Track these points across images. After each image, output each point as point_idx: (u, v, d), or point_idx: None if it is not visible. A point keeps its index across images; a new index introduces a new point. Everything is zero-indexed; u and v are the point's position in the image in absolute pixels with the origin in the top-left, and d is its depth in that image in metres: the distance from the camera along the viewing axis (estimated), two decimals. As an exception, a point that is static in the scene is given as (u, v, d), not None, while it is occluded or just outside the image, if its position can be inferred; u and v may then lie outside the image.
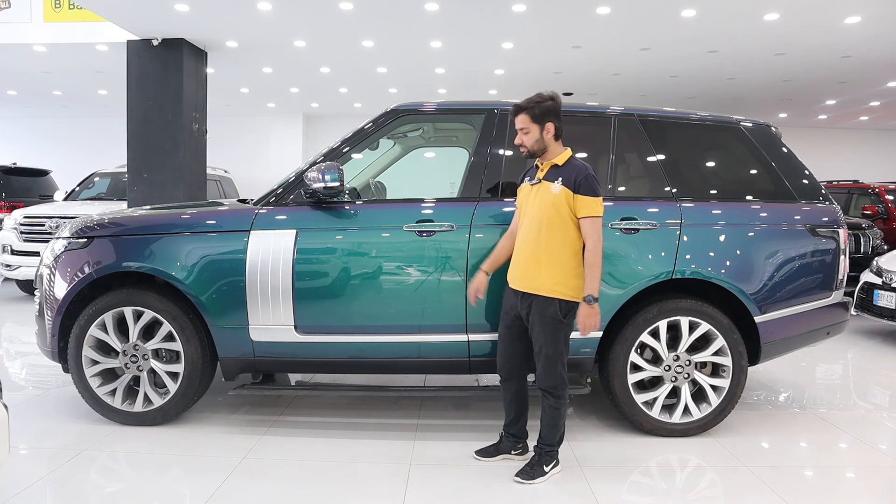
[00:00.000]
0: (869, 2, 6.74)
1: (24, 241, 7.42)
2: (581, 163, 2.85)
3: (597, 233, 2.77)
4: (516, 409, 3.06)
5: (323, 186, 3.15)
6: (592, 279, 2.75)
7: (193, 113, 8.76)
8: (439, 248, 3.23)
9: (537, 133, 2.84)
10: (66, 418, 3.51)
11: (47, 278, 3.39)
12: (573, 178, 2.77)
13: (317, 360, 3.34)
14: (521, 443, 3.10)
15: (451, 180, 4.47)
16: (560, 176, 2.80)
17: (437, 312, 3.25)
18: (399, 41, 8.64)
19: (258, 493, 2.71)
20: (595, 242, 2.76)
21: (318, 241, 3.26)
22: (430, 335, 3.26)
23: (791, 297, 3.41)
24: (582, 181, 2.76)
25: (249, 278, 3.21)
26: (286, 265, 3.20)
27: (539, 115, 2.82)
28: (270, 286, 3.20)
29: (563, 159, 2.85)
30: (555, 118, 2.84)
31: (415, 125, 3.98)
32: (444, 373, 3.82)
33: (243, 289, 3.21)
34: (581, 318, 2.76)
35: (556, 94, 2.89)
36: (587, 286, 2.75)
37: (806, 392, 4.37)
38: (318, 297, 3.24)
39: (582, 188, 2.76)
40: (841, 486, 2.98)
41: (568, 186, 2.77)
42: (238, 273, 3.22)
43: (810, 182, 3.60)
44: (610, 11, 7.13)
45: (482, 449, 3.12)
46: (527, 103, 2.85)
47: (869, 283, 6.09)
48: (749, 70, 9.78)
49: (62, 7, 8.68)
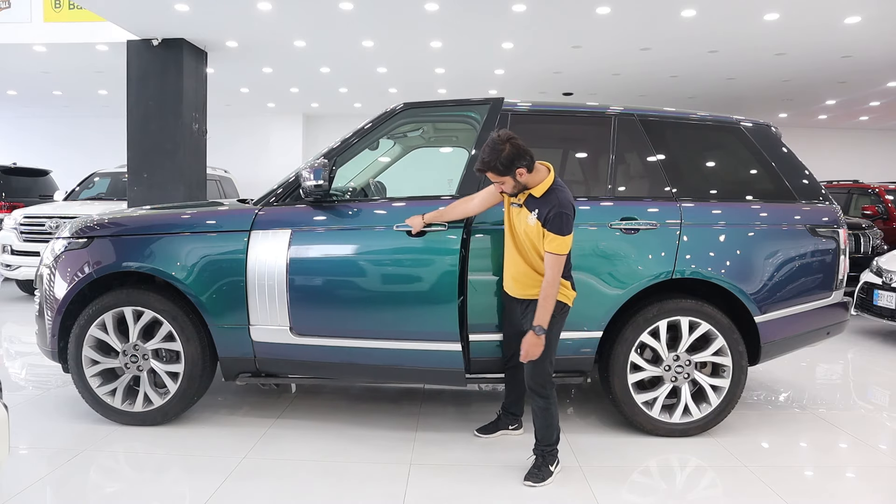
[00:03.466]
0: (869, 2, 6.74)
1: (24, 241, 7.42)
2: (557, 197, 2.74)
3: (555, 268, 2.73)
4: (516, 392, 3.31)
5: (312, 185, 3.13)
6: (544, 311, 2.73)
7: (193, 113, 8.76)
8: (430, 249, 3.16)
9: (511, 181, 2.76)
10: (66, 418, 3.50)
11: (47, 278, 3.39)
12: (546, 213, 2.73)
13: (311, 362, 3.28)
14: (517, 420, 3.38)
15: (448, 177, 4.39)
16: (536, 208, 2.77)
17: (426, 318, 3.16)
18: (399, 41, 8.64)
19: (258, 494, 2.70)
20: (552, 277, 2.73)
21: (310, 240, 3.23)
22: (421, 342, 3.18)
23: (791, 297, 3.40)
24: (551, 218, 2.71)
25: (250, 278, 3.20)
26: (281, 265, 3.19)
27: (504, 167, 2.71)
28: (267, 287, 3.20)
29: (541, 190, 2.77)
30: (520, 159, 2.70)
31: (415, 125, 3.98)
32: (437, 383, 3.60)
33: (243, 289, 3.21)
34: (525, 344, 2.76)
35: (507, 133, 2.76)
36: (538, 317, 2.73)
37: (806, 392, 4.37)
38: (310, 298, 3.21)
39: (550, 224, 2.71)
40: (841, 486, 2.98)
41: (540, 220, 2.75)
42: (238, 273, 3.21)
43: (810, 182, 3.60)
44: (610, 11, 7.13)
45: (482, 427, 3.38)
46: (488, 161, 2.72)
47: (869, 283, 6.09)
48: (749, 70, 9.78)
49: (62, 7, 8.68)
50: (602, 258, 3.22)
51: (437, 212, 3.12)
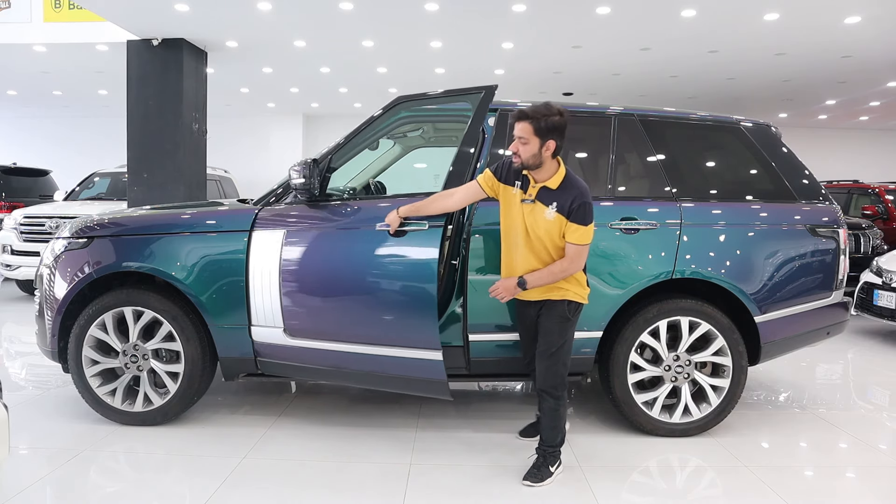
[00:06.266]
0: (869, 2, 6.75)
1: (24, 241, 7.42)
2: (577, 186, 2.71)
3: (578, 259, 2.72)
4: None
5: (298, 183, 3.09)
6: (540, 278, 2.74)
7: (193, 113, 8.76)
8: (406, 249, 3.01)
9: (536, 147, 2.66)
10: (66, 418, 3.50)
11: (47, 278, 3.39)
12: (568, 203, 2.68)
13: (303, 365, 3.23)
14: None
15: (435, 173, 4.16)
16: (555, 201, 2.70)
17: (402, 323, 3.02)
18: (399, 41, 8.64)
19: (258, 494, 2.70)
20: (569, 264, 2.72)
21: (299, 240, 3.17)
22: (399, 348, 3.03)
23: (791, 297, 3.40)
24: (576, 209, 2.67)
25: (251, 278, 3.20)
26: (274, 265, 3.16)
27: (543, 130, 2.63)
28: (264, 287, 3.19)
29: (556, 181, 2.72)
30: (558, 136, 2.67)
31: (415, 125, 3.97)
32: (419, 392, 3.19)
33: (243, 289, 3.20)
34: (502, 283, 2.79)
35: (564, 110, 2.69)
36: (532, 277, 2.74)
37: (806, 392, 4.37)
38: (298, 299, 3.16)
39: (575, 216, 2.67)
40: (841, 486, 2.98)
41: (562, 213, 2.69)
42: (238, 273, 3.21)
43: (810, 182, 3.60)
44: (610, 11, 7.13)
45: (524, 429, 3.34)
46: (533, 112, 2.65)
47: (869, 283, 6.09)
48: (749, 70, 9.79)
49: (62, 7, 8.68)
50: (602, 258, 3.22)
51: (414, 206, 2.96)
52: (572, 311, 2.81)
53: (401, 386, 3.18)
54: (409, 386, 3.14)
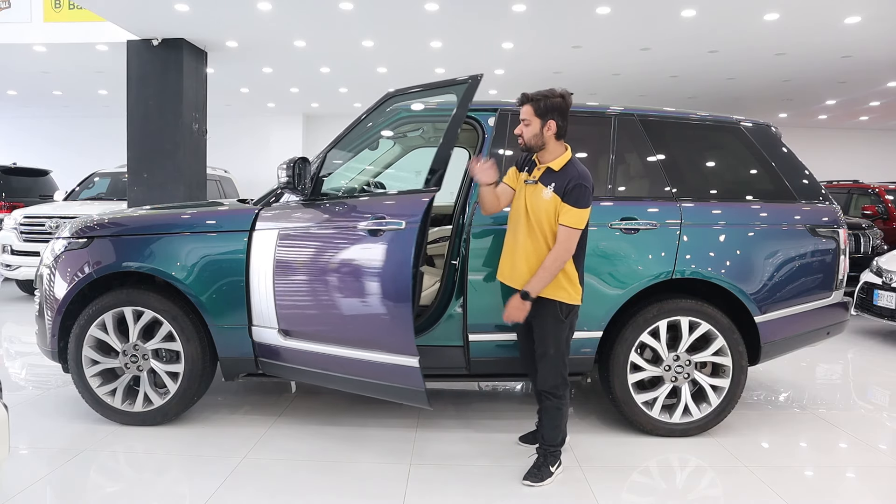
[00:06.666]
0: (869, 2, 6.75)
1: (24, 241, 7.42)
2: (577, 169, 2.73)
3: (567, 244, 2.68)
4: None
5: (283, 181, 3.08)
6: (539, 280, 2.69)
7: (193, 113, 8.76)
8: (385, 249, 2.91)
9: (538, 128, 2.75)
10: (66, 418, 3.50)
11: (47, 278, 3.39)
12: (564, 184, 2.69)
13: (296, 367, 3.19)
14: None
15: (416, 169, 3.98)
16: (553, 181, 2.72)
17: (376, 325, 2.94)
18: (399, 41, 8.64)
19: (258, 494, 2.70)
20: (561, 250, 2.68)
21: (290, 240, 3.15)
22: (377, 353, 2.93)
23: (791, 297, 3.40)
24: (571, 189, 2.66)
25: (251, 278, 3.19)
26: (269, 265, 3.15)
27: (543, 110, 2.73)
28: (261, 287, 3.18)
29: (560, 163, 2.75)
30: (559, 116, 2.75)
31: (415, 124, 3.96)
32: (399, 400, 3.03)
33: (243, 289, 3.20)
34: (509, 307, 2.75)
35: (567, 92, 2.79)
36: (531, 283, 2.70)
37: (806, 392, 4.37)
38: (289, 299, 3.14)
39: (568, 196, 2.67)
40: (841, 486, 2.98)
41: (557, 193, 2.70)
42: (238, 273, 3.21)
43: (810, 182, 3.60)
44: (610, 11, 7.13)
45: (524, 435, 3.27)
46: (534, 94, 2.77)
47: (869, 283, 6.09)
48: (749, 70, 9.78)
49: (62, 7, 8.68)
50: (602, 258, 3.22)
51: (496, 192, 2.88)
52: (565, 313, 2.79)
53: (378, 392, 3.05)
54: (386, 392, 3.02)
